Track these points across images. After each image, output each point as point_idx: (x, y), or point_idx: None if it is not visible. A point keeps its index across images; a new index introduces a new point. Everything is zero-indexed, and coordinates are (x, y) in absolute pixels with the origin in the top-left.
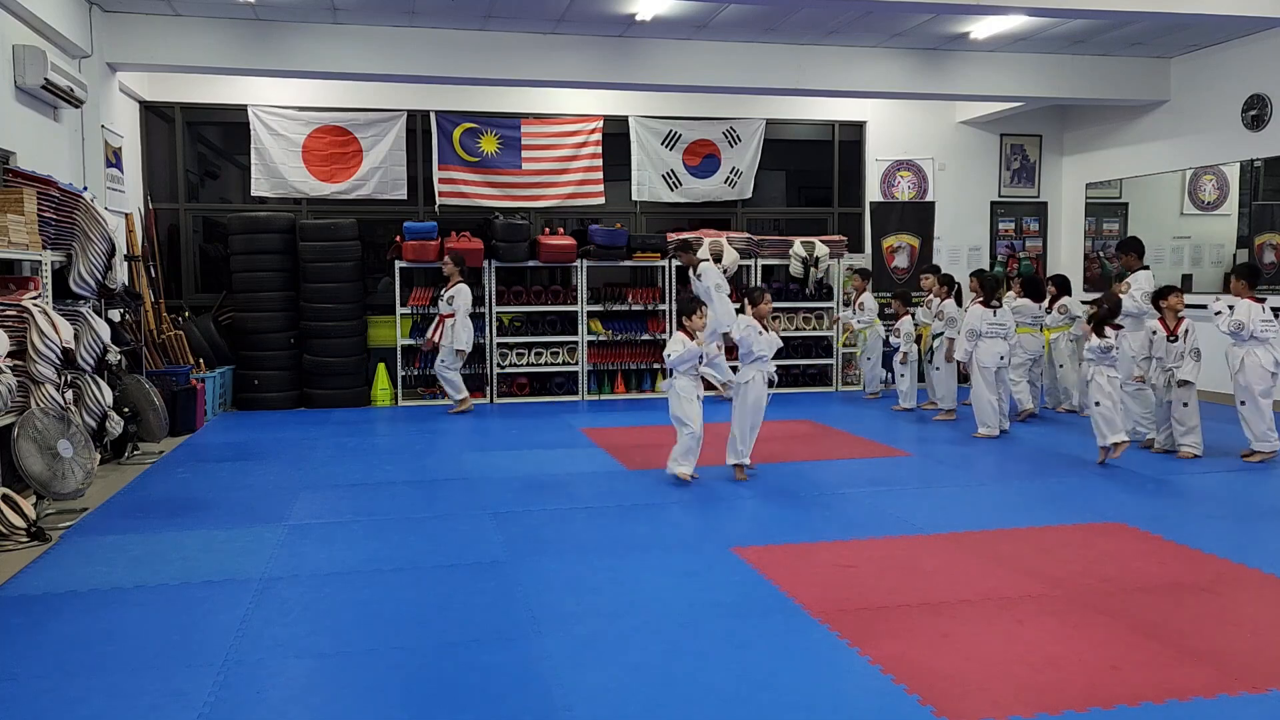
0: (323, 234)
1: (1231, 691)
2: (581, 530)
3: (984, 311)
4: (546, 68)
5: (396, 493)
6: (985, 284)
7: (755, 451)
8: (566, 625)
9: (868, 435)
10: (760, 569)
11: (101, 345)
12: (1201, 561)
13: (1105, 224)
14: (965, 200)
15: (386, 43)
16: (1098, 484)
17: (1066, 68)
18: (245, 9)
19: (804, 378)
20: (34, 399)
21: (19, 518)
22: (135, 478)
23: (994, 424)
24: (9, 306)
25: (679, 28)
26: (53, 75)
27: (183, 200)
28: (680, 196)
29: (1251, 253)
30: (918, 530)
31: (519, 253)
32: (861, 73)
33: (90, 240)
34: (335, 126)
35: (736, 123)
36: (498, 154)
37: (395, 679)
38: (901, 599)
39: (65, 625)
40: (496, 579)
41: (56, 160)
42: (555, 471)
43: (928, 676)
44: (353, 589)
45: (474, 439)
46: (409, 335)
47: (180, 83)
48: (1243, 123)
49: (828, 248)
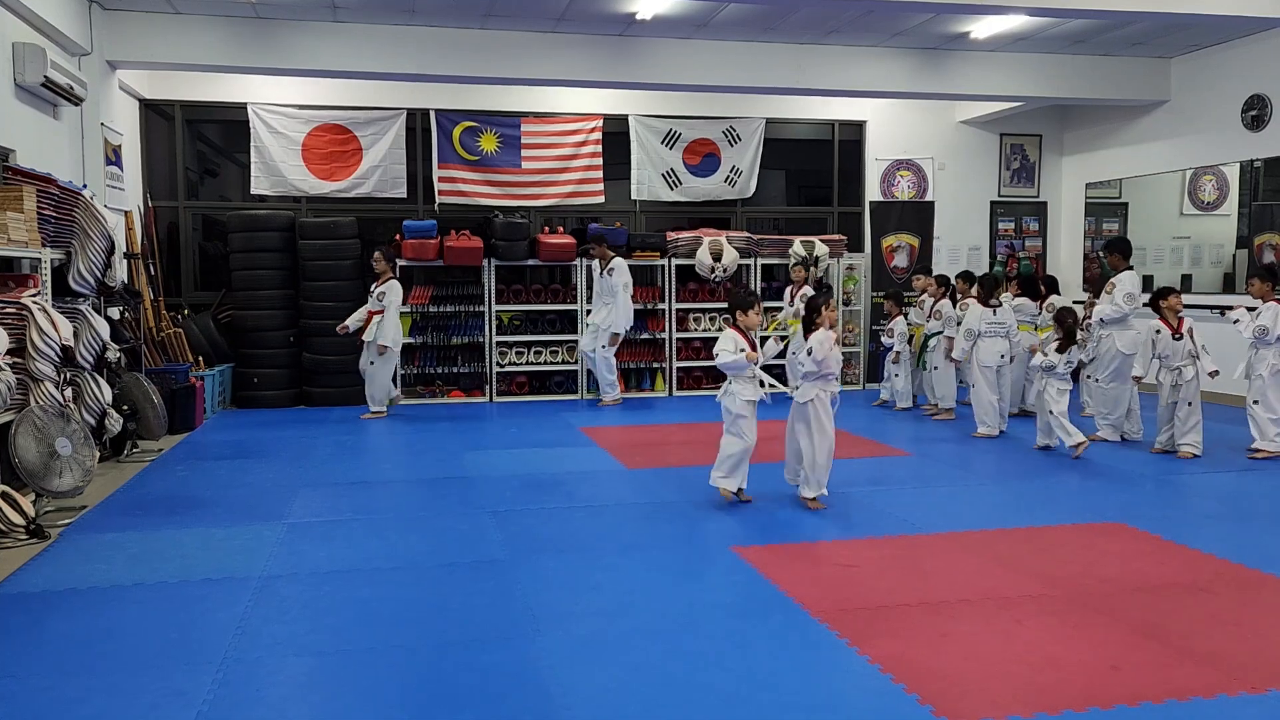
0: (322, 232)
1: (1231, 692)
2: (581, 529)
3: (983, 311)
4: (546, 66)
5: (395, 491)
6: (984, 283)
7: (756, 452)
8: (566, 625)
9: (867, 435)
10: (760, 569)
11: (101, 343)
12: (1201, 561)
13: (1105, 224)
14: (965, 200)
15: (386, 41)
16: (1098, 484)
17: (1066, 68)
18: (245, 7)
19: None
20: (33, 396)
21: (18, 515)
22: (134, 475)
23: (994, 423)
24: (8, 304)
25: (679, 27)
26: (52, 73)
27: (182, 198)
28: (680, 195)
29: (1251, 253)
30: (917, 530)
31: (518, 251)
32: (861, 72)
33: (90, 238)
34: (335, 125)
35: (736, 122)
36: (497, 153)
37: (394, 678)
38: (901, 599)
39: (64, 623)
40: (496, 578)
41: (56, 158)
42: (554, 470)
43: (927, 676)
44: (352, 587)
45: (473, 438)
46: (408, 334)
47: (180, 81)
48: (1243, 123)
49: (827, 247)
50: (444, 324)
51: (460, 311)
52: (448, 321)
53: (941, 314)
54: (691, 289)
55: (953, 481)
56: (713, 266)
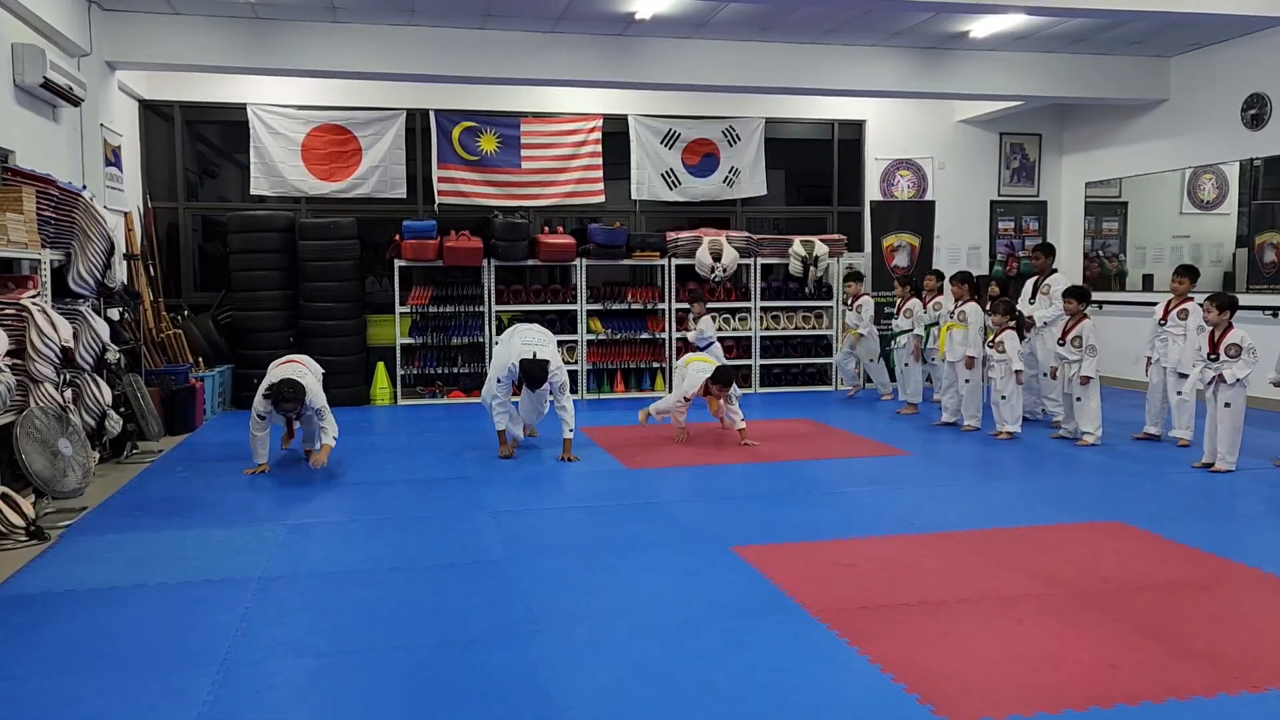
0: (322, 233)
1: (1231, 691)
2: (581, 529)
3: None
4: (546, 66)
5: (395, 492)
6: (981, 285)
7: (756, 452)
8: (565, 625)
9: (867, 434)
10: (760, 568)
11: (100, 344)
12: (1201, 561)
13: (1105, 223)
14: (965, 199)
15: (386, 42)
16: (1097, 483)
17: (1066, 67)
18: (244, 8)
19: (803, 377)
20: (33, 398)
21: (18, 517)
22: (134, 477)
23: (1014, 423)
24: (8, 305)
25: (678, 26)
26: (52, 74)
27: (182, 199)
28: (679, 195)
29: (1251, 252)
30: (917, 529)
31: (518, 251)
32: (861, 72)
33: (89, 239)
34: (334, 125)
35: (736, 122)
36: (497, 153)
37: (394, 678)
38: (901, 598)
39: (64, 624)
40: (495, 578)
41: (55, 159)
42: (554, 470)
43: (927, 676)
44: (351, 588)
45: (472, 438)
46: (408, 334)
47: (179, 81)
48: (1242, 122)
49: (827, 247)
50: (444, 324)
51: (460, 312)
52: (448, 322)
53: (912, 313)
54: (691, 289)
55: (953, 481)
56: (713, 266)
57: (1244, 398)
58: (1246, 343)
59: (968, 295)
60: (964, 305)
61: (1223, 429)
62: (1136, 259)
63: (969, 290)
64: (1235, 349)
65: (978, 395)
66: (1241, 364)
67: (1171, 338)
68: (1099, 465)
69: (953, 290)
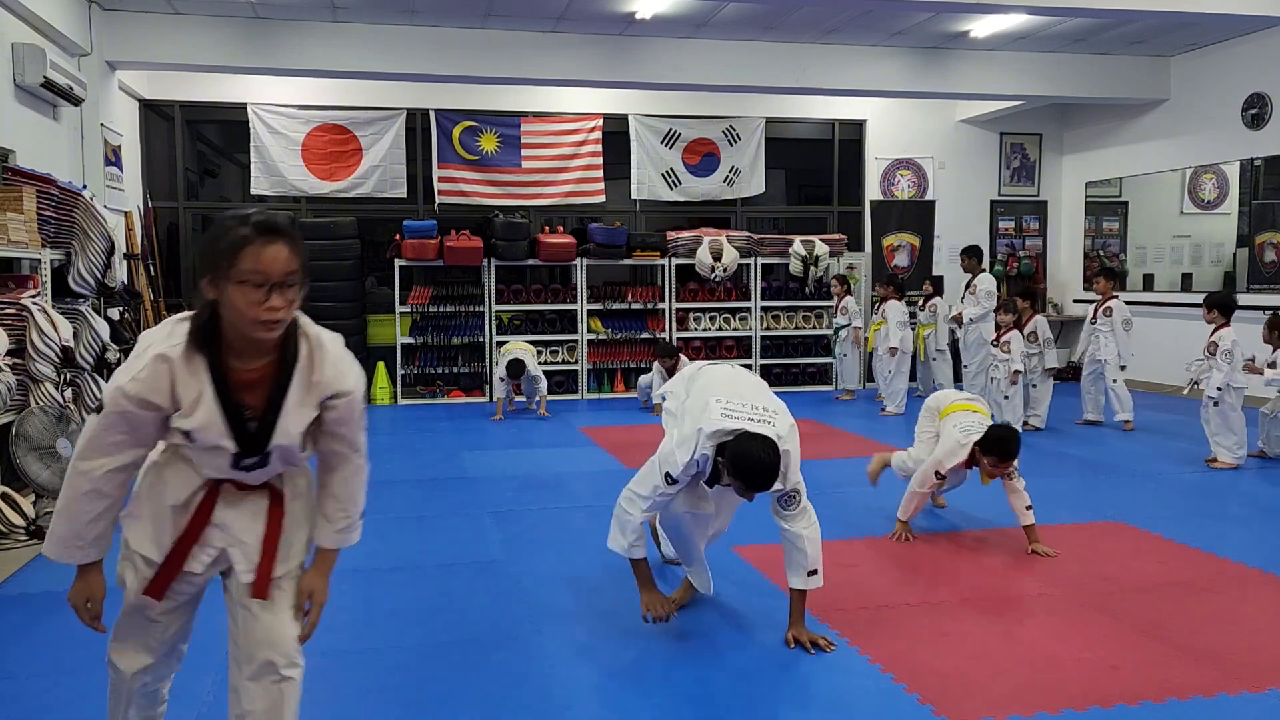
0: (322, 232)
1: (1231, 691)
2: (581, 529)
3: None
4: (546, 66)
5: (395, 491)
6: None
7: None
8: (566, 624)
9: (867, 434)
10: (760, 568)
11: (101, 344)
12: (1201, 561)
13: (1105, 223)
14: (965, 199)
15: (386, 41)
16: (1098, 483)
17: (1066, 66)
18: (245, 7)
19: (803, 377)
20: (33, 397)
21: (18, 516)
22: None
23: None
24: (8, 305)
25: (679, 26)
26: (52, 73)
27: (182, 199)
28: (680, 195)
29: (1252, 251)
30: (917, 529)
31: (518, 251)
32: (861, 71)
33: (89, 238)
34: (335, 125)
35: (736, 121)
36: (497, 152)
37: (394, 678)
38: (901, 599)
39: (64, 623)
40: (496, 578)
41: (56, 158)
42: (554, 470)
43: (927, 676)
44: (351, 588)
45: (473, 438)
46: (408, 334)
47: (180, 81)
48: (1243, 121)
49: (827, 246)
50: (444, 324)
51: (460, 311)
52: (448, 321)
53: (847, 310)
54: (692, 289)
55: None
56: (713, 266)
57: (1236, 396)
58: (1225, 345)
59: (977, 268)
60: (975, 279)
61: (1214, 424)
62: (1137, 259)
63: (976, 264)
64: (1214, 346)
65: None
66: (1218, 373)
67: (1101, 334)
68: (1100, 465)
69: (963, 265)
